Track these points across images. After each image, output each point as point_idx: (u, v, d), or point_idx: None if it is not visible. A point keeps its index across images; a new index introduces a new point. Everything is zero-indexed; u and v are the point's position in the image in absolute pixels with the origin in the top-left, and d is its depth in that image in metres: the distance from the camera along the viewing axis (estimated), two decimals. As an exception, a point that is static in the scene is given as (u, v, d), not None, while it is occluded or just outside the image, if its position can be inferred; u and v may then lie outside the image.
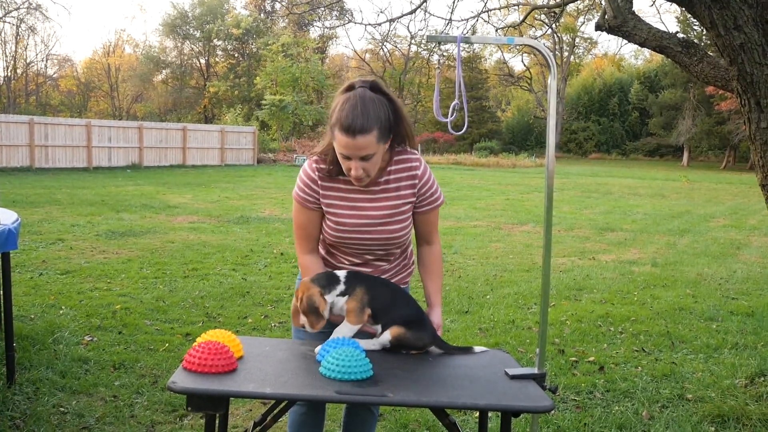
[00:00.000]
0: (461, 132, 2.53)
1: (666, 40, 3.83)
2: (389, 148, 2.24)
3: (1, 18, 40.48)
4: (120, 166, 24.09)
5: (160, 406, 3.45)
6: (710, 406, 3.59)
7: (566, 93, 52.82)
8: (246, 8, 51.21)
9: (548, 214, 2.34)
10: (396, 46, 53.40)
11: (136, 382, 3.75)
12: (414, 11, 6.57)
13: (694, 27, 33.47)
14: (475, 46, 44.84)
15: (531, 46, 2.33)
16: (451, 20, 6.64)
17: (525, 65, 55.61)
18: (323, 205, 2.28)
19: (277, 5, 49.07)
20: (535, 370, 2.11)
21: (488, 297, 6.16)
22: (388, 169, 2.26)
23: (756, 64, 3.10)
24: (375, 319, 2.20)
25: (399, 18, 6.73)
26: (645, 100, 47.93)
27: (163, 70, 49.32)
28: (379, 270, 2.39)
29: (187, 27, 48.10)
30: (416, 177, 2.28)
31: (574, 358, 4.41)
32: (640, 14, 3.90)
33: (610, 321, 5.40)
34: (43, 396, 3.49)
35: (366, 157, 2.10)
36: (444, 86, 32.99)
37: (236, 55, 49.39)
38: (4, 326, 3.66)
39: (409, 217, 2.32)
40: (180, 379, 1.85)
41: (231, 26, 44.75)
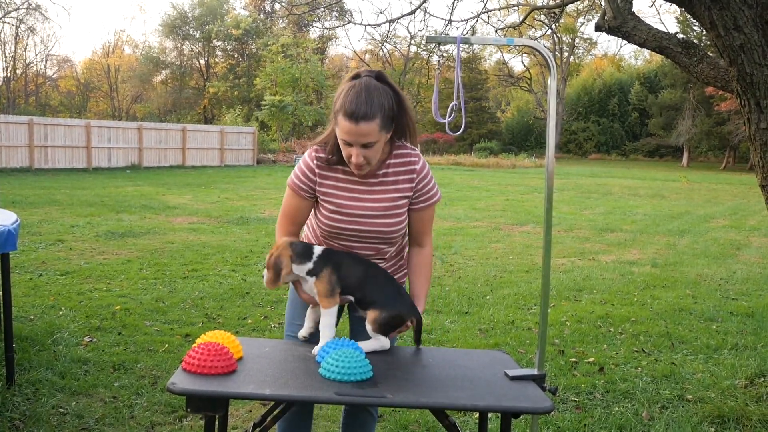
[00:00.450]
0: (459, 133, 2.53)
1: (666, 41, 3.84)
2: (389, 140, 2.25)
3: (1, 18, 40.48)
4: (119, 166, 24.08)
5: (159, 407, 3.45)
6: (710, 407, 3.59)
7: (566, 93, 52.83)
8: (245, 9, 51.25)
9: (548, 215, 2.34)
10: (395, 47, 53.41)
11: (136, 383, 3.74)
12: (414, 12, 6.57)
13: (694, 27, 33.47)
14: (475, 47, 44.86)
15: (531, 46, 2.33)
16: (450, 21, 6.65)
17: (525, 66, 55.65)
18: (320, 193, 2.28)
19: (277, 6, 49.05)
20: (535, 371, 2.10)
21: (488, 298, 6.15)
22: (387, 162, 2.27)
23: (756, 65, 3.10)
24: (346, 292, 2.21)
25: (398, 18, 6.73)
26: (645, 101, 47.96)
27: (163, 71, 49.32)
28: None
29: (187, 27, 48.10)
30: (415, 172, 2.29)
31: (573, 359, 4.41)
32: (639, 15, 3.90)
33: (610, 322, 5.40)
34: (43, 397, 3.49)
35: (368, 145, 2.10)
36: (444, 87, 33.04)
37: (236, 56, 49.41)
38: (4, 327, 3.66)
39: (405, 212, 2.31)
40: (180, 380, 1.85)
41: (231, 27, 44.76)
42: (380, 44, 49.29)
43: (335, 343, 2.09)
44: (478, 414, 3.02)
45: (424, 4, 6.45)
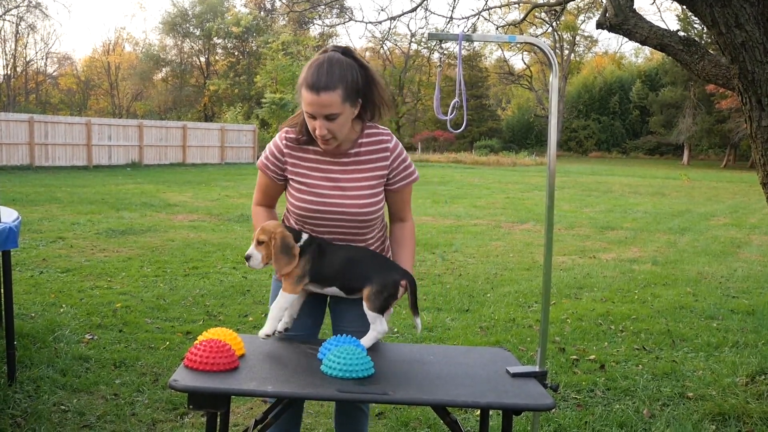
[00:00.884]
0: (460, 130, 2.53)
1: (667, 38, 3.83)
2: (359, 118, 2.24)
3: (1, 16, 40.45)
4: (120, 164, 24.08)
5: (161, 405, 3.45)
6: (711, 405, 3.59)
7: (567, 91, 52.82)
8: (246, 6, 51.20)
9: (549, 212, 2.34)
10: (396, 45, 53.37)
11: (137, 381, 3.75)
12: (414, 9, 6.56)
13: (695, 25, 33.43)
14: (476, 45, 44.83)
15: (532, 43, 2.33)
16: (452, 18, 6.64)
17: (525, 63, 55.62)
18: (290, 174, 2.27)
19: (277, 3, 49.01)
20: (536, 369, 2.11)
21: (489, 295, 6.16)
22: (359, 141, 2.26)
23: (757, 63, 3.10)
24: (325, 282, 2.18)
25: (399, 16, 6.72)
26: (645, 99, 47.94)
27: (163, 68, 49.32)
28: None
29: (187, 25, 48.09)
30: (388, 150, 2.28)
31: (574, 357, 4.41)
32: (640, 12, 3.89)
33: (610, 319, 5.40)
34: (44, 394, 3.49)
35: (331, 117, 2.09)
36: (444, 84, 32.99)
37: (236, 54, 49.38)
38: (5, 324, 3.66)
39: (381, 192, 2.30)
40: (182, 377, 1.85)
41: (231, 24, 44.74)
42: (381, 42, 49.22)
43: (337, 340, 2.09)
44: (479, 411, 3.02)
45: (425, 2, 6.44)
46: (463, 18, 6.79)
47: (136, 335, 4.59)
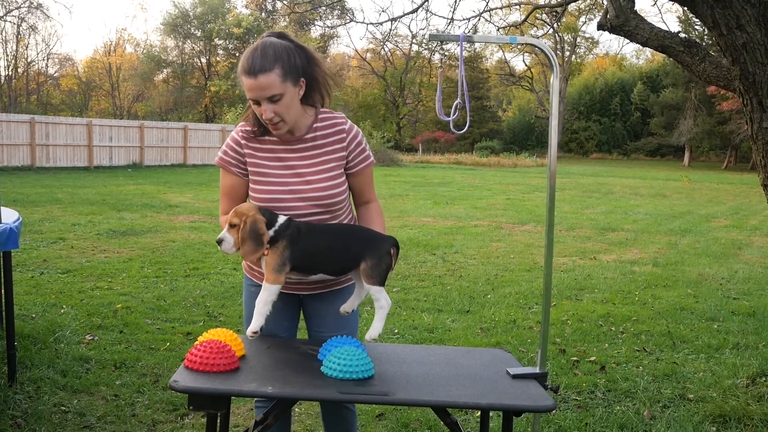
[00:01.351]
0: (463, 131, 2.52)
1: (668, 40, 3.83)
2: (311, 104, 2.24)
3: (2, 17, 40.50)
4: (121, 165, 24.09)
5: (161, 405, 3.45)
6: (712, 406, 3.58)
7: (567, 93, 52.82)
8: (247, 7, 51.26)
9: (550, 214, 2.34)
10: (397, 46, 53.41)
11: (138, 381, 3.74)
12: (415, 10, 6.57)
13: (696, 27, 33.46)
14: (477, 46, 44.85)
15: (533, 45, 2.33)
16: (452, 19, 6.66)
17: (526, 65, 55.61)
18: (250, 166, 2.26)
19: (278, 4, 49.06)
20: (537, 370, 2.10)
21: (489, 296, 6.15)
22: (314, 126, 2.26)
23: (758, 64, 3.10)
24: (309, 269, 2.09)
25: (400, 17, 6.73)
26: (646, 100, 47.95)
27: (164, 69, 49.29)
28: None
29: (188, 26, 48.09)
30: (344, 132, 2.28)
31: (575, 358, 4.41)
32: (641, 14, 3.90)
33: (611, 321, 5.40)
34: (44, 395, 3.49)
35: (273, 98, 2.08)
36: (445, 86, 33.02)
37: (237, 55, 49.34)
38: (6, 325, 3.66)
39: (342, 176, 2.28)
40: (182, 378, 1.85)
41: (232, 25, 44.75)
42: (382, 43, 49.25)
43: (337, 341, 2.09)
44: (479, 412, 3.02)
45: (426, 3, 6.45)
46: (464, 19, 6.80)
47: (137, 336, 4.59)
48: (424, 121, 54.84)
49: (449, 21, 6.67)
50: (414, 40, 47.09)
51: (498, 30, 8.59)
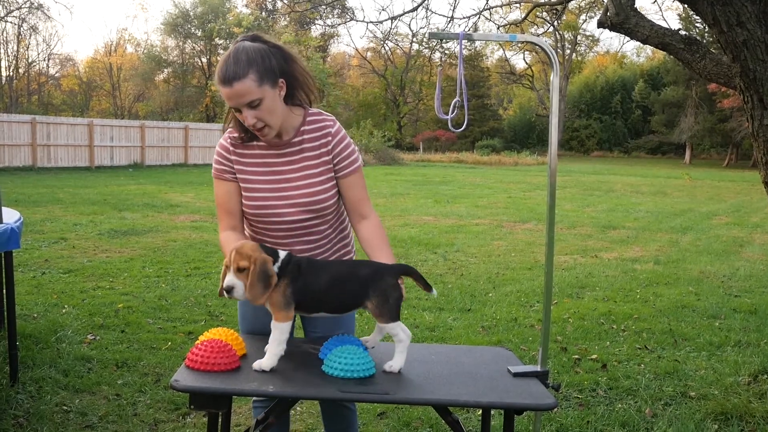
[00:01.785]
0: (462, 129, 2.52)
1: (668, 37, 3.82)
2: (293, 101, 2.20)
3: (3, 17, 40.51)
4: (122, 165, 24.11)
5: (163, 405, 3.45)
6: (713, 404, 3.58)
7: (568, 91, 52.77)
8: (247, 7, 51.23)
9: (551, 212, 2.33)
10: (397, 44, 53.40)
11: (139, 381, 3.75)
12: (416, 9, 6.57)
13: (697, 24, 33.41)
14: (477, 44, 44.82)
15: (533, 43, 2.32)
16: (452, 18, 6.66)
17: (527, 63, 55.60)
18: (238, 172, 2.23)
19: (279, 3, 49.04)
20: (538, 368, 2.10)
21: (490, 295, 6.15)
22: (301, 129, 2.22)
23: (759, 61, 3.09)
24: (312, 308, 2.02)
25: (401, 16, 6.73)
26: (647, 98, 47.91)
27: (165, 69, 49.29)
28: (313, 255, 2.29)
29: (189, 26, 48.07)
30: (330, 135, 2.23)
31: (576, 356, 4.41)
32: (641, 11, 3.89)
33: (612, 319, 5.40)
34: (46, 395, 3.50)
35: (253, 104, 2.05)
36: (445, 84, 32.97)
37: (238, 54, 49.27)
38: (7, 325, 3.67)
39: (331, 180, 2.24)
40: (183, 377, 1.85)
41: (232, 25, 44.72)
42: (382, 42, 49.25)
43: (338, 340, 2.09)
44: (481, 411, 3.02)
45: (425, 1, 6.45)
46: (464, 17, 6.80)
47: (138, 335, 4.59)
48: (424, 119, 54.82)
49: (449, 19, 6.67)
50: (414, 39, 47.07)
51: (498, 28, 8.59)
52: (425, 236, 9.50)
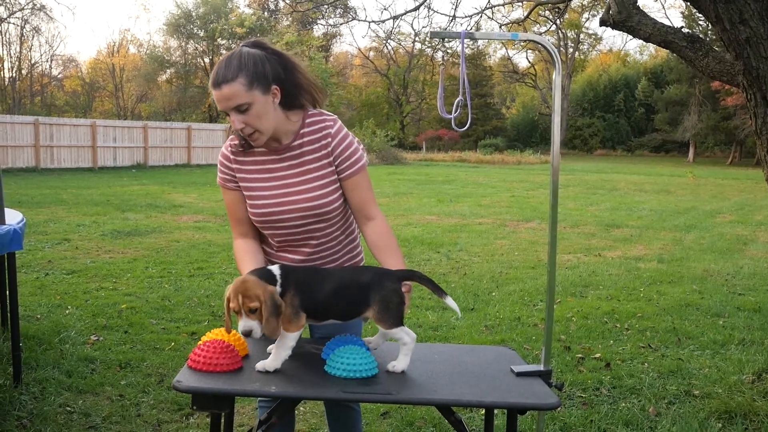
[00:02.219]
0: (465, 128, 2.51)
1: (671, 35, 3.81)
2: (295, 106, 2.17)
3: (6, 19, 40.61)
4: (125, 165, 24.15)
5: (166, 405, 3.46)
6: (717, 402, 3.57)
7: (571, 89, 52.68)
8: (250, 7, 51.27)
9: (554, 211, 2.33)
10: (400, 44, 53.39)
11: (143, 381, 3.75)
12: (417, 8, 6.56)
13: (700, 22, 33.32)
14: (479, 43, 44.78)
15: (535, 41, 2.32)
16: (454, 17, 6.65)
17: (530, 62, 55.57)
18: (240, 180, 2.23)
19: (281, 4, 49.07)
20: (541, 367, 2.10)
21: (494, 294, 6.15)
22: (301, 132, 2.19)
23: (762, 59, 3.08)
24: (321, 315, 2.00)
25: (403, 15, 6.73)
26: (651, 96, 47.84)
27: (168, 70, 49.36)
28: (321, 257, 2.28)
29: (191, 26, 48.13)
30: (330, 136, 2.18)
31: (580, 355, 4.40)
32: (644, 9, 3.88)
33: (616, 317, 5.39)
34: (50, 395, 3.50)
35: (241, 108, 2.03)
36: (448, 83, 32.88)
37: (240, 54, 49.31)
38: (11, 326, 3.67)
39: (334, 183, 2.21)
40: (185, 378, 1.85)
41: (235, 25, 44.77)
42: (384, 41, 49.25)
43: (340, 340, 2.09)
44: (484, 410, 3.01)
45: (427, 1, 6.44)
46: (466, 16, 6.80)
47: (142, 336, 4.60)
48: (427, 119, 54.80)
49: (451, 18, 6.66)
50: (416, 38, 47.08)
51: (500, 27, 8.58)
52: (428, 235, 9.50)
